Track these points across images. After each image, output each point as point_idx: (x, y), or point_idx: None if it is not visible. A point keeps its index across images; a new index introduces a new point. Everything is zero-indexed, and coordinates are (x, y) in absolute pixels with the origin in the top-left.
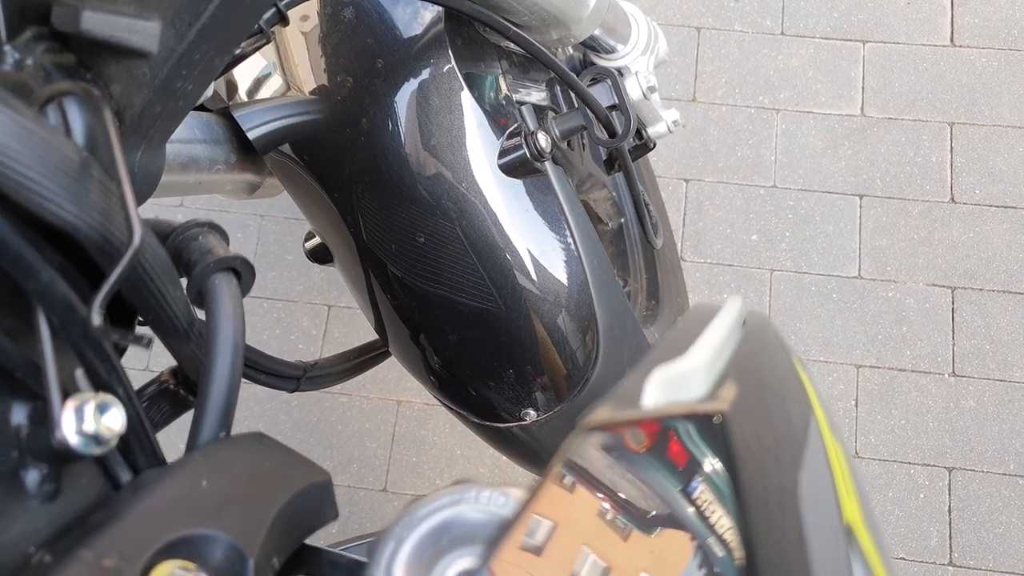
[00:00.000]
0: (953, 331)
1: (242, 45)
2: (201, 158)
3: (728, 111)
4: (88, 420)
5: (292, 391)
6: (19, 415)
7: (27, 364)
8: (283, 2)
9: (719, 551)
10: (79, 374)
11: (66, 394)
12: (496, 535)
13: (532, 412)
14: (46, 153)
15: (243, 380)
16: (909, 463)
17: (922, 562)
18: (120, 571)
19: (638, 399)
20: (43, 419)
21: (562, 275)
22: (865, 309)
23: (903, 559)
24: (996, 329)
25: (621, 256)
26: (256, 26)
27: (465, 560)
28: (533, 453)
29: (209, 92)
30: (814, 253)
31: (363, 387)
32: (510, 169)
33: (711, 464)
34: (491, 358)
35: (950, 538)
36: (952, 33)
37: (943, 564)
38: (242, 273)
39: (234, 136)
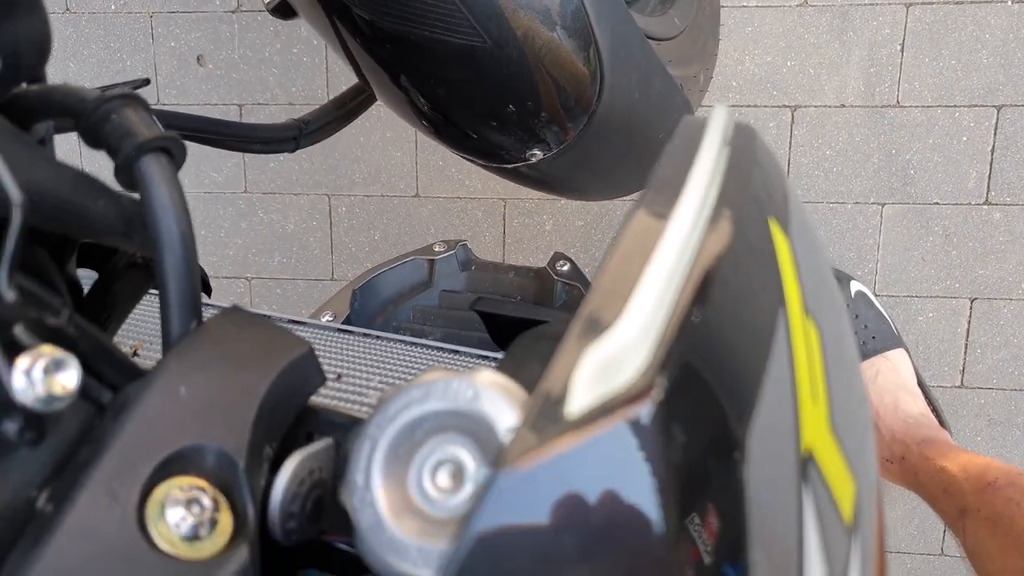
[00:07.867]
0: None
1: None
2: None
3: None
4: (38, 384)
5: (293, 151)
6: None
7: None
8: None
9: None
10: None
11: (16, 350)
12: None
13: (538, 152)
14: None
15: (239, 152)
16: (955, 106)
17: (956, 204)
18: (120, 507)
19: (563, 403)
20: None
21: None
22: None
23: (937, 203)
24: None
25: None
26: None
27: (442, 447)
28: (545, 185)
29: None
30: None
31: None
32: None
33: None
34: (486, 98)
35: (989, 178)
36: None
37: (978, 204)
38: (173, 151)
39: None
